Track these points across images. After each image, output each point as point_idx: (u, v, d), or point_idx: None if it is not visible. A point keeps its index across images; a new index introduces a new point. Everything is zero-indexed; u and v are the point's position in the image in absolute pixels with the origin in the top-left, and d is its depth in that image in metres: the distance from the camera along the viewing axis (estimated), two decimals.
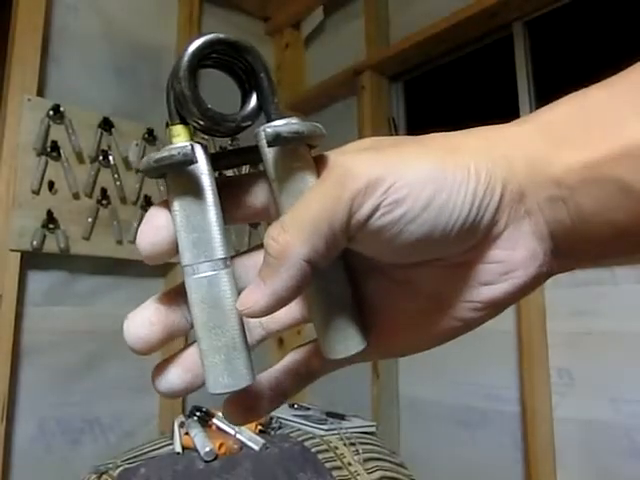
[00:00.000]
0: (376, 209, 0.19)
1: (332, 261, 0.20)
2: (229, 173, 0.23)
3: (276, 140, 0.20)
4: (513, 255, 0.20)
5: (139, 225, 0.21)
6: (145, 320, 0.21)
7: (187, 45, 0.21)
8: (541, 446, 1.28)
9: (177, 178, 0.21)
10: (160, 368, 0.22)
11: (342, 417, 1.50)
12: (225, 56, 0.22)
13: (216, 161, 0.22)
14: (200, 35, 0.21)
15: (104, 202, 1.59)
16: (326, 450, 1.31)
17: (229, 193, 0.22)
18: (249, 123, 0.22)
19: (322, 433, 1.38)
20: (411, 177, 0.19)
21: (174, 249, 0.21)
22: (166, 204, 0.21)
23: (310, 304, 0.23)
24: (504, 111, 1.61)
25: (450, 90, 1.82)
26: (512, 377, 1.38)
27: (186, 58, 0.20)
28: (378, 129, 1.83)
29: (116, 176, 1.63)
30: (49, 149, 1.50)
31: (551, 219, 0.20)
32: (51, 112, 1.51)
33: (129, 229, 1.63)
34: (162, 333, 0.21)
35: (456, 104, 1.79)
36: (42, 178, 1.48)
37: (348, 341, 0.22)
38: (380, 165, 0.19)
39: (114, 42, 1.78)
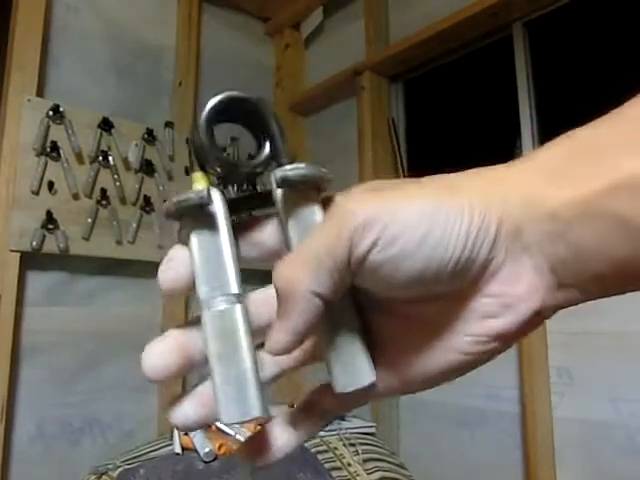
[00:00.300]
0: (374, 245, 0.20)
1: (340, 295, 0.21)
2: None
3: (284, 182, 0.23)
4: (513, 289, 0.21)
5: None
6: (163, 350, 0.22)
7: (206, 102, 0.24)
8: (541, 446, 1.28)
9: (196, 220, 0.23)
10: (176, 400, 0.23)
11: (342, 417, 1.50)
12: (239, 110, 0.24)
13: (233, 205, 0.24)
14: (217, 94, 0.24)
15: (104, 202, 1.59)
16: (326, 450, 1.31)
17: (245, 234, 0.24)
18: (262, 169, 0.25)
19: (322, 433, 1.38)
20: (406, 215, 0.20)
21: (192, 285, 0.23)
22: (185, 245, 0.24)
23: (319, 340, 0.23)
24: (504, 112, 1.61)
25: (450, 90, 1.82)
26: (512, 377, 1.38)
27: (204, 114, 0.23)
28: (378, 129, 1.83)
29: (116, 176, 1.63)
30: (49, 149, 1.50)
31: (550, 254, 0.20)
32: (51, 112, 1.51)
33: (129, 229, 1.63)
34: (178, 364, 0.22)
35: (456, 104, 1.79)
36: (42, 178, 1.48)
37: (357, 375, 0.22)
38: (378, 205, 0.20)
39: (114, 42, 1.78)
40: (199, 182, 0.24)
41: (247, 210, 0.25)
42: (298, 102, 2.15)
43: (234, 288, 0.23)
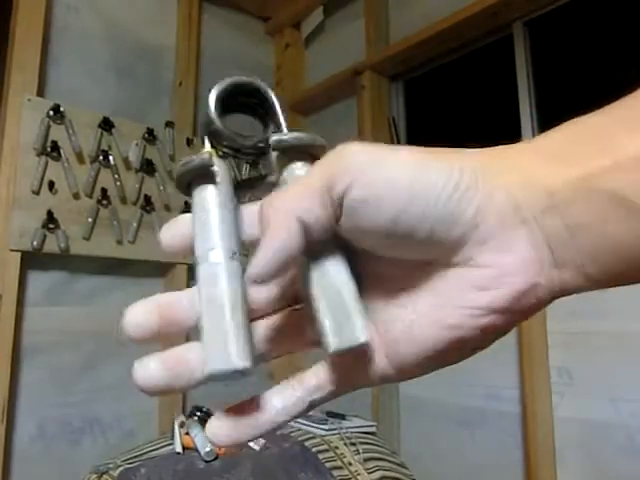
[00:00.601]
0: (352, 185, 0.20)
1: (324, 232, 0.21)
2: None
3: (279, 144, 0.24)
4: (506, 259, 0.20)
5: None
6: (145, 310, 0.22)
7: (215, 85, 0.25)
8: (541, 446, 1.28)
9: (199, 182, 0.24)
10: (143, 360, 0.22)
11: (342, 417, 1.50)
12: (244, 97, 0.26)
13: (238, 184, 0.25)
14: (225, 80, 0.26)
15: (104, 202, 1.59)
16: (326, 450, 1.31)
17: (245, 214, 0.25)
18: (264, 145, 0.26)
19: (323, 433, 1.38)
20: (391, 162, 0.21)
21: (190, 244, 0.23)
22: (189, 214, 0.24)
23: (313, 300, 0.23)
24: (504, 111, 1.61)
25: (450, 90, 1.82)
26: (512, 377, 1.38)
27: (213, 92, 0.25)
28: (378, 129, 1.83)
29: (116, 176, 1.63)
30: (49, 149, 1.50)
31: (547, 229, 0.20)
32: (51, 112, 1.51)
33: (129, 229, 1.63)
34: (159, 323, 0.22)
35: (456, 104, 1.78)
36: (42, 178, 1.48)
37: (349, 335, 0.22)
38: (367, 153, 0.21)
39: (114, 42, 1.78)
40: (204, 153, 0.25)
41: (249, 190, 0.26)
42: (298, 101, 2.15)
43: (232, 245, 0.23)
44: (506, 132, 1.59)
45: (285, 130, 0.26)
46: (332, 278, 0.22)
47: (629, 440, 1.16)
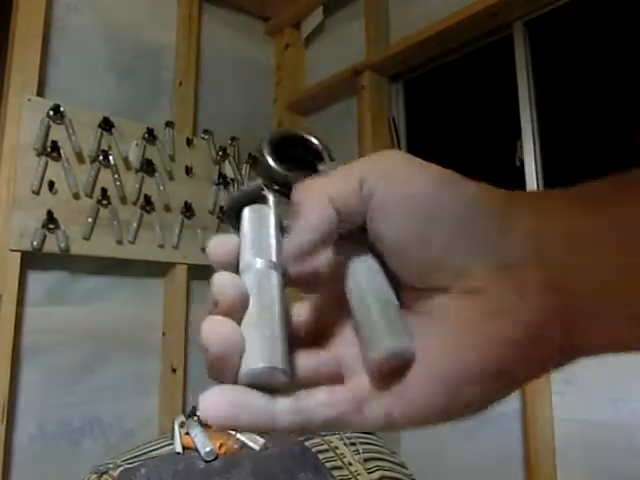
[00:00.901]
0: (380, 179, 0.22)
1: (352, 218, 0.23)
2: None
3: (323, 171, 0.29)
4: (518, 291, 0.20)
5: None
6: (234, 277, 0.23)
7: (269, 134, 0.30)
8: (541, 446, 1.28)
9: (248, 203, 0.28)
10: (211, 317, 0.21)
11: None
12: (292, 146, 0.31)
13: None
14: (277, 132, 0.30)
15: (104, 202, 1.59)
16: (326, 450, 1.31)
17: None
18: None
19: (322, 433, 1.38)
20: (421, 166, 0.22)
21: (235, 257, 0.24)
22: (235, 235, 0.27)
23: (357, 314, 0.24)
24: (504, 111, 1.60)
25: (450, 90, 1.82)
26: None
27: (267, 139, 0.29)
28: (378, 129, 1.83)
29: (116, 176, 1.63)
30: (49, 149, 1.50)
31: (563, 265, 0.19)
32: (51, 112, 1.51)
33: (129, 229, 1.63)
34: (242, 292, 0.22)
35: (456, 104, 1.78)
36: (42, 178, 1.48)
37: (397, 340, 0.22)
38: (402, 157, 0.24)
39: (114, 42, 1.78)
40: None
41: None
42: (298, 101, 2.15)
43: (274, 257, 0.25)
44: (506, 132, 1.59)
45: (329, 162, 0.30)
46: (377, 292, 0.23)
47: (629, 440, 1.16)
